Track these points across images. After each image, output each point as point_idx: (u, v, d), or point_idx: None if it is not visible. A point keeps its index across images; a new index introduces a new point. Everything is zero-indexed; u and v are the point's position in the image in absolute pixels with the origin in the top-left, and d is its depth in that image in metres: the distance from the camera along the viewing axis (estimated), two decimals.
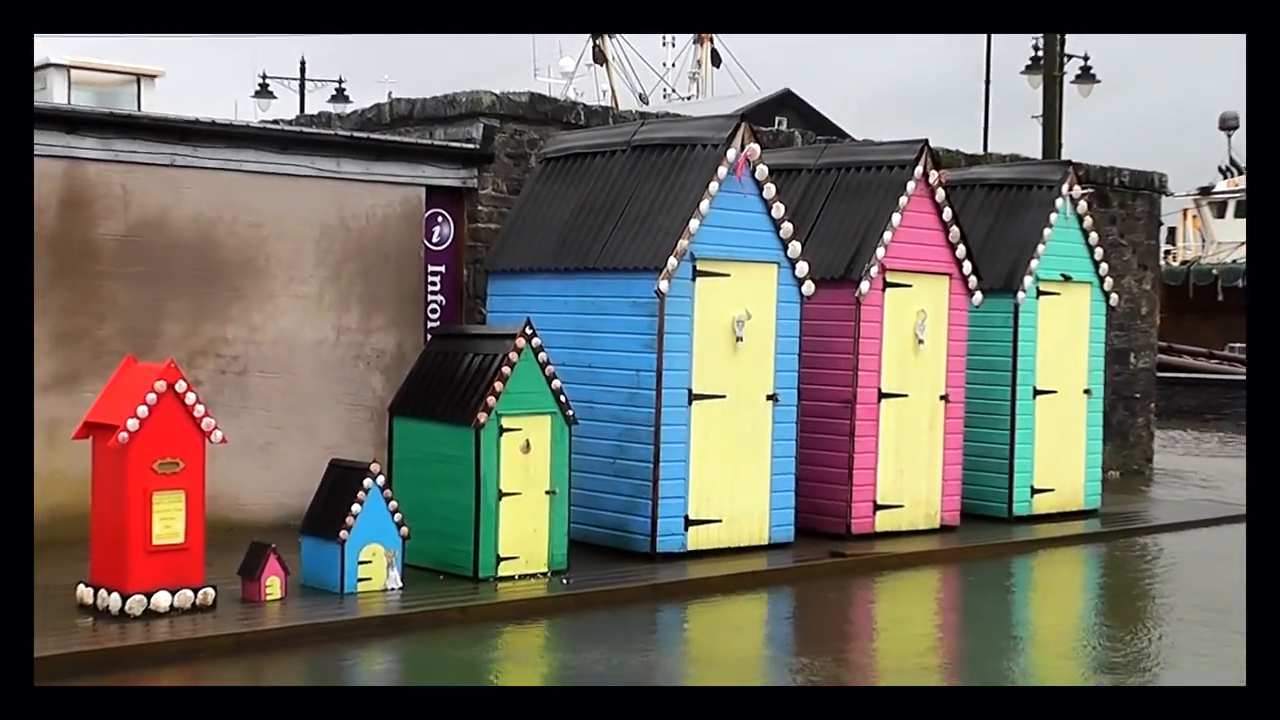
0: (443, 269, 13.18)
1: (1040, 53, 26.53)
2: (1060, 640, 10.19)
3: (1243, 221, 55.15)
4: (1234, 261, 50.68)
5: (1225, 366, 34.99)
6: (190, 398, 8.89)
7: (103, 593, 8.78)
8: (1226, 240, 54.65)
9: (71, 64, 27.65)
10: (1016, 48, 48.85)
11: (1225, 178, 59.80)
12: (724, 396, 11.36)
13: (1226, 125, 61.38)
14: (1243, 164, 60.52)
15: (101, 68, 28.20)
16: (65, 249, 11.21)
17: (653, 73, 59.82)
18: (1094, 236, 14.39)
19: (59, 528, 10.77)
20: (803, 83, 67.59)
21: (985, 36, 28.74)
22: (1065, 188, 14.08)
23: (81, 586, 8.95)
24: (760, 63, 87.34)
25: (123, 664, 8.06)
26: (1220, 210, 57.29)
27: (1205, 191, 58.38)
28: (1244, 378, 31.60)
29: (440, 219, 13.18)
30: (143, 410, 8.67)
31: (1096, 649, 9.79)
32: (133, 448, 8.65)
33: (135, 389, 8.79)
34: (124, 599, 8.66)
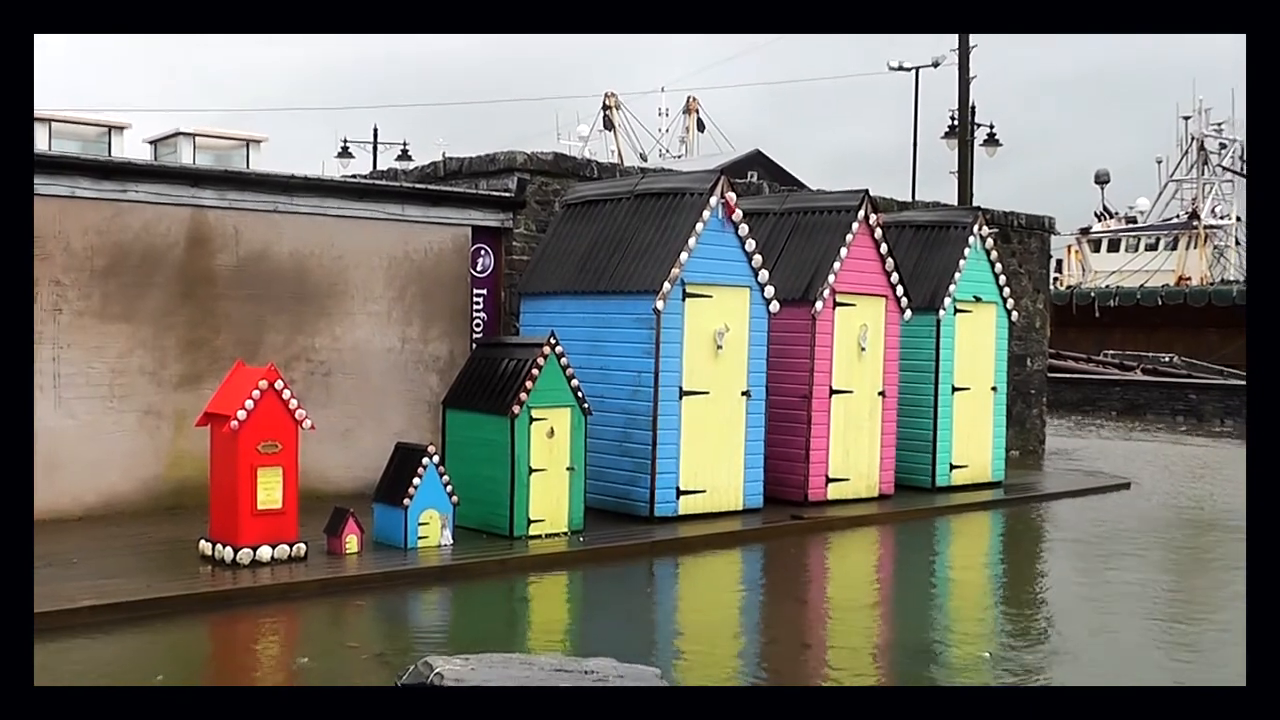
0: (485, 292, 13.12)
1: (956, 122, 26.46)
2: (972, 578, 10.17)
3: (1114, 255, 55.42)
4: (1106, 286, 50.76)
5: (1100, 369, 34.88)
6: (287, 394, 8.86)
7: (219, 546, 8.76)
8: (1101, 270, 54.94)
9: (196, 132, 27.56)
10: (939, 118, 48.79)
11: (1099, 221, 59.86)
12: (708, 393, 11.29)
13: (1100, 180, 61.54)
14: (1113, 210, 60.65)
15: (220, 135, 28.12)
16: (190, 276, 11.18)
17: (650, 136, 59.95)
18: (998, 266, 14.31)
19: (185, 496, 10.78)
20: (769, 144, 67.55)
21: (913, 110, 28.61)
22: (976, 228, 14.03)
23: (202, 541, 8.94)
24: (736, 128, 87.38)
25: (234, 602, 8.04)
26: (1096, 246, 57.44)
27: (1084, 231, 58.45)
28: (1115, 376, 31.55)
29: (483, 252, 13.12)
30: (250, 403, 8.65)
31: (1000, 583, 9.86)
32: (242, 433, 8.63)
33: (244, 386, 8.76)
34: (235, 551, 8.64)
